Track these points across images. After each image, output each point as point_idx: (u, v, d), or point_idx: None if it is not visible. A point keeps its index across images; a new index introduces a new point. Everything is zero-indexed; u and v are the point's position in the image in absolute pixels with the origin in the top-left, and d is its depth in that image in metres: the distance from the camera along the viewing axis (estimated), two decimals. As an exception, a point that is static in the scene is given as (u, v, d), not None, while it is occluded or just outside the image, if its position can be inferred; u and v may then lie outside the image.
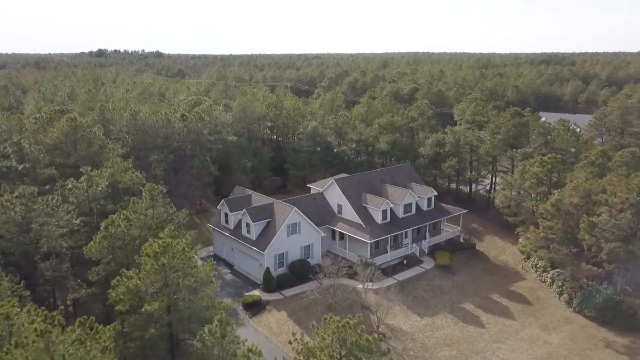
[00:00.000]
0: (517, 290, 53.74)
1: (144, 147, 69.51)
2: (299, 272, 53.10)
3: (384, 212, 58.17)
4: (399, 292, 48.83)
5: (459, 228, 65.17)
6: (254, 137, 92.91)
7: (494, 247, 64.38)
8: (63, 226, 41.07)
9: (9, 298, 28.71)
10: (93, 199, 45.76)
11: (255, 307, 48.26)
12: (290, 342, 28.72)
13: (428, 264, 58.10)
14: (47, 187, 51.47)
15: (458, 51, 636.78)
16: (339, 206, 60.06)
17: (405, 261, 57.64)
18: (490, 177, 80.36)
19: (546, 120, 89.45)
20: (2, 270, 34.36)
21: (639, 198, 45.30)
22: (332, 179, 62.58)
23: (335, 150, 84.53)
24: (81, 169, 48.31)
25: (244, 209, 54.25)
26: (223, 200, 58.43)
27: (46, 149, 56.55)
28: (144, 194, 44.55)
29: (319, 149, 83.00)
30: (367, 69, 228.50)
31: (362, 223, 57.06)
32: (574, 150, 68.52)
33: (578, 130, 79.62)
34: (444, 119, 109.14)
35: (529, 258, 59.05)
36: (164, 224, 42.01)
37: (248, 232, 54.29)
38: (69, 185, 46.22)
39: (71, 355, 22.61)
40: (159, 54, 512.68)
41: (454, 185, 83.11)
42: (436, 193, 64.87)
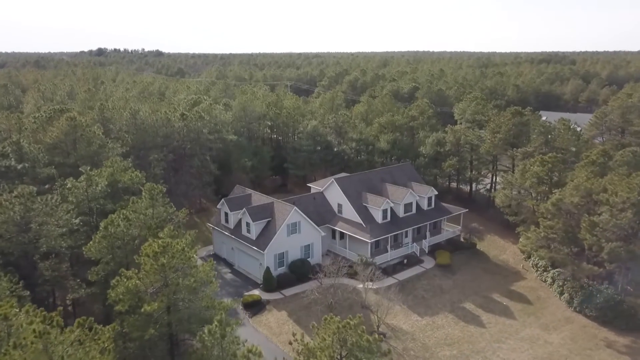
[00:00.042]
0: (518, 289, 53.66)
1: (143, 147, 69.39)
2: (299, 271, 53.01)
3: (385, 211, 58.07)
4: (399, 292, 48.76)
5: (460, 227, 65.06)
6: (254, 136, 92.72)
7: (494, 246, 64.29)
8: (62, 226, 40.93)
9: (8, 298, 28.56)
10: (92, 198, 45.62)
11: (255, 307, 48.17)
12: (290, 343, 28.61)
13: (428, 263, 58.02)
14: (47, 186, 51.36)
15: (458, 50, 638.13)
16: (339, 205, 59.95)
17: (405, 261, 57.56)
18: (491, 176, 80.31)
19: (547, 119, 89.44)
20: (1, 270, 34.31)
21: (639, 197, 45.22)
22: (332, 178, 62.46)
23: (336, 150, 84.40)
24: (81, 168, 48.15)
25: (244, 209, 54.16)
26: (223, 200, 58.32)
27: (45, 148, 56.37)
28: (143, 193, 44.42)
29: (319, 148, 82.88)
30: (367, 68, 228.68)
31: (362, 222, 56.96)
32: (575, 150, 68.43)
33: (579, 129, 79.42)
34: (444, 118, 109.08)
35: (529, 257, 58.95)
36: (164, 224, 41.90)
37: (248, 231, 54.19)
38: (69, 185, 46.05)
39: (70, 356, 22.52)
40: (158, 53, 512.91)
41: (454, 185, 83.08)
42: (436, 192, 64.78)
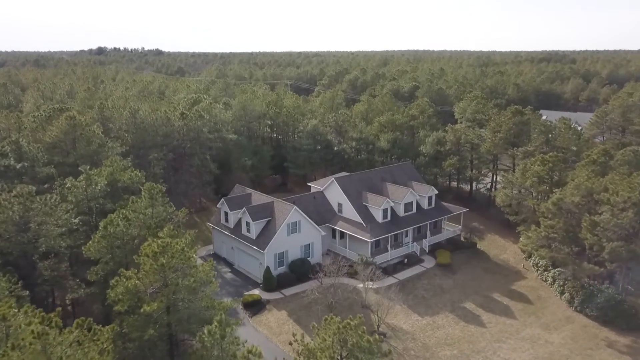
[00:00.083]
0: (518, 289, 53.55)
1: (143, 146, 69.24)
2: (299, 271, 52.89)
3: (385, 210, 57.94)
4: (399, 292, 48.66)
5: (460, 227, 64.93)
6: (254, 135, 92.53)
7: (494, 246, 64.17)
8: (62, 225, 40.79)
9: (7, 299, 28.44)
10: (92, 197, 45.48)
11: (255, 307, 48.06)
12: (290, 343, 28.50)
13: (429, 263, 57.91)
14: (46, 186, 51.16)
15: (458, 49, 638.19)
16: (340, 205, 59.82)
17: (405, 260, 57.45)
18: (491, 175, 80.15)
19: (547, 118, 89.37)
20: (0, 270, 34.16)
21: (641, 197, 45.09)
22: (332, 178, 62.33)
23: (336, 149, 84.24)
24: (80, 167, 47.95)
25: (244, 208, 54.04)
26: (223, 199, 58.19)
27: (45, 148, 56.21)
28: (143, 192, 44.30)
29: (319, 147, 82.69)
30: (367, 67, 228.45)
31: (362, 222, 56.83)
32: (575, 149, 68.29)
33: (579, 128, 79.32)
34: (444, 117, 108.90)
35: (530, 257, 58.82)
36: (164, 223, 41.77)
37: (248, 231, 54.07)
38: (68, 184, 45.90)
39: (69, 357, 22.41)
40: (158, 52, 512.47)
41: (454, 184, 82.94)
42: (437, 192, 64.63)
